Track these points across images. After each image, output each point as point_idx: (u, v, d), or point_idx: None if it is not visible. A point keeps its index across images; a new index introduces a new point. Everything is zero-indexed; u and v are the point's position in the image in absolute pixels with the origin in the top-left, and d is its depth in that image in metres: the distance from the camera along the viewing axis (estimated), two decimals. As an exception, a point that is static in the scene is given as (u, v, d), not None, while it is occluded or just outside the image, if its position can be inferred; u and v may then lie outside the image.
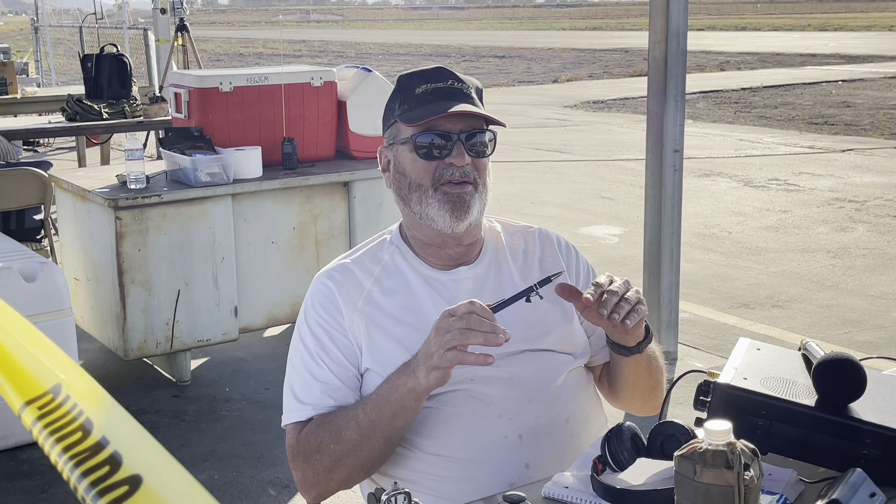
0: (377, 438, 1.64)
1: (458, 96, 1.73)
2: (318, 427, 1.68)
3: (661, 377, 1.86)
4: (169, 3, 8.58)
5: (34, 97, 7.84)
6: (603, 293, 1.57)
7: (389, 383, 1.63)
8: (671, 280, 4.50)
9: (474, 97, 1.76)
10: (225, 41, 47.53)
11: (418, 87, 1.74)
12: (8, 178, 4.72)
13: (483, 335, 1.49)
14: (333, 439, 1.65)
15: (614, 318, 1.56)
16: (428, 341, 1.56)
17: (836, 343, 4.71)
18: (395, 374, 1.64)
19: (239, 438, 3.77)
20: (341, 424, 1.65)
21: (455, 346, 1.50)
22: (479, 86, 1.81)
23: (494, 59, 30.25)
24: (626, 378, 1.80)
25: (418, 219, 1.75)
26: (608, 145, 11.68)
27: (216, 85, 4.35)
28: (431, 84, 1.74)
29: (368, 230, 4.27)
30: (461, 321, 1.50)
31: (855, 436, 1.47)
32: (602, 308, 1.56)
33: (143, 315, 4.04)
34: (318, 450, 1.67)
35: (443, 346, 1.51)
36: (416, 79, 1.76)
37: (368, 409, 1.64)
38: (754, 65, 25.24)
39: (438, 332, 1.53)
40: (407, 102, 1.74)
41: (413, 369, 1.58)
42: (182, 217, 4.05)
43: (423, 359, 1.56)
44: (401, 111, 1.75)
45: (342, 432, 1.65)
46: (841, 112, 14.61)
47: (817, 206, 7.96)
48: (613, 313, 1.56)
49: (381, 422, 1.62)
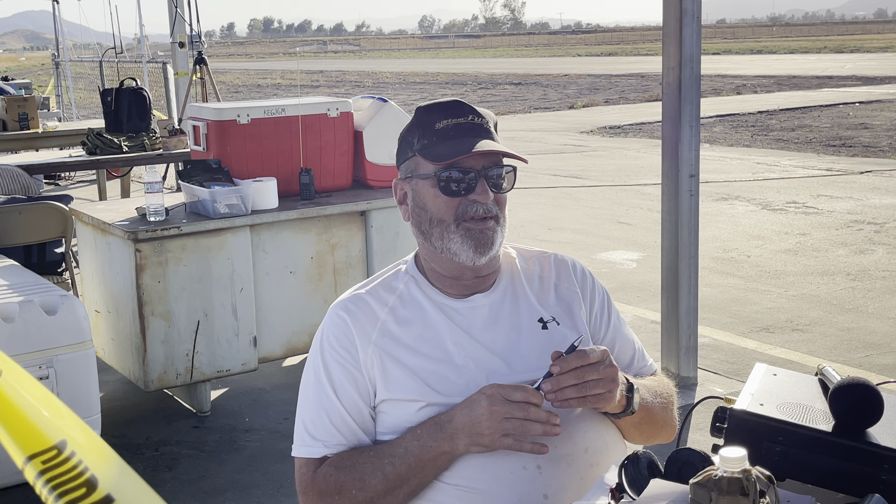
0: (404, 491, 1.65)
1: (479, 132, 1.73)
2: (338, 470, 1.68)
3: (666, 418, 1.86)
4: (187, 36, 8.68)
5: (55, 132, 7.94)
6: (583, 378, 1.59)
7: (419, 441, 1.63)
8: (689, 305, 4.49)
9: (493, 132, 1.76)
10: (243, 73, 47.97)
11: (438, 121, 1.74)
12: (29, 212, 4.78)
13: (542, 427, 1.55)
14: (357, 486, 1.65)
15: (576, 401, 1.59)
16: (477, 418, 1.57)
17: (858, 366, 4.68)
18: (426, 434, 1.63)
19: (259, 468, 3.78)
20: (365, 472, 1.65)
21: (512, 433, 1.55)
22: (495, 118, 1.82)
23: (510, 86, 30.37)
24: (625, 429, 1.81)
25: (439, 252, 1.75)
26: (625, 170, 11.68)
27: (234, 117, 4.40)
28: (452, 119, 1.73)
29: (386, 259, 4.29)
30: (520, 410, 1.55)
31: (873, 461, 1.46)
32: (572, 389, 1.58)
33: (163, 346, 4.07)
34: (338, 492, 1.67)
35: (499, 430, 1.55)
36: (436, 113, 1.75)
37: (397, 463, 1.64)
38: (771, 88, 25.23)
39: (493, 416, 1.56)
40: (427, 137, 1.74)
41: (451, 435, 1.60)
42: (201, 248, 4.09)
43: (466, 430, 1.58)
44: (420, 146, 1.75)
45: (367, 480, 1.65)
46: (859, 134, 14.56)
47: (836, 228, 7.93)
48: (580, 397, 1.59)
49: (411, 477, 1.64)
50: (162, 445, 4.01)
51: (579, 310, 1.84)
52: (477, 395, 1.60)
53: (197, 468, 3.81)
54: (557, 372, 1.57)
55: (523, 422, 1.55)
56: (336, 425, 1.71)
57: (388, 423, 1.72)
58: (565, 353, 1.60)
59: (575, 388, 1.58)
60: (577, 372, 1.58)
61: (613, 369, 1.62)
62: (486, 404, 1.57)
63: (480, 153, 1.69)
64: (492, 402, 1.56)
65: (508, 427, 1.55)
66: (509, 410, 1.55)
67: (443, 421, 1.62)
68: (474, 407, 1.58)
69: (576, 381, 1.57)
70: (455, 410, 1.62)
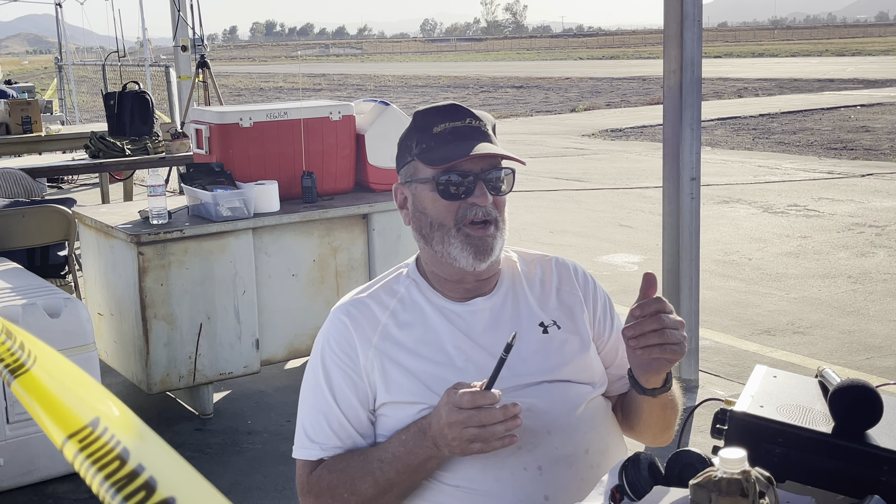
0: (394, 494, 1.66)
1: (477, 135, 1.74)
2: (330, 472, 1.69)
3: (676, 418, 1.86)
4: (190, 40, 8.70)
5: (58, 135, 7.96)
6: (663, 324, 1.57)
7: (405, 447, 1.64)
8: (691, 307, 4.50)
9: (491, 134, 1.77)
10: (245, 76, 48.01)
11: (436, 125, 1.74)
12: (33, 216, 4.80)
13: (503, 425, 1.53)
14: (347, 489, 1.67)
15: (657, 349, 1.57)
16: (441, 429, 1.56)
17: (859, 369, 4.68)
18: (411, 439, 1.64)
19: (261, 471, 3.79)
20: (356, 475, 1.66)
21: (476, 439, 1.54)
22: (494, 121, 1.82)
23: (512, 89, 30.39)
24: (641, 415, 1.80)
25: (439, 257, 1.76)
26: (626, 173, 11.69)
27: (236, 121, 4.41)
28: (449, 123, 1.74)
29: (388, 262, 4.29)
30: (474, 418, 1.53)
31: (872, 463, 1.47)
32: (654, 334, 1.56)
33: (166, 349, 4.08)
34: (330, 494, 1.68)
35: (463, 438, 1.54)
36: (433, 117, 1.76)
37: (386, 468, 1.64)
38: (772, 91, 25.23)
39: (453, 427, 1.54)
40: (425, 141, 1.74)
41: (433, 441, 1.60)
42: (204, 251, 4.10)
43: (441, 439, 1.58)
44: (419, 150, 1.75)
45: (357, 484, 1.66)
46: (860, 137, 14.57)
47: (837, 231, 7.93)
48: (661, 344, 1.57)
49: (400, 481, 1.65)
50: (164, 448, 4.02)
51: (581, 313, 1.84)
52: (438, 404, 1.60)
53: (199, 471, 3.77)
54: (638, 315, 1.57)
55: (482, 427, 1.53)
56: (333, 429, 1.72)
57: (389, 425, 1.72)
58: (503, 352, 1.56)
59: (656, 334, 1.56)
60: (658, 318, 1.57)
61: (682, 321, 1.61)
62: (444, 415, 1.56)
63: (478, 156, 1.70)
64: (448, 412, 1.56)
65: (469, 434, 1.54)
66: (464, 419, 1.54)
67: (424, 426, 1.63)
68: (439, 417, 1.58)
69: (657, 325, 1.56)
70: (431, 416, 1.62)
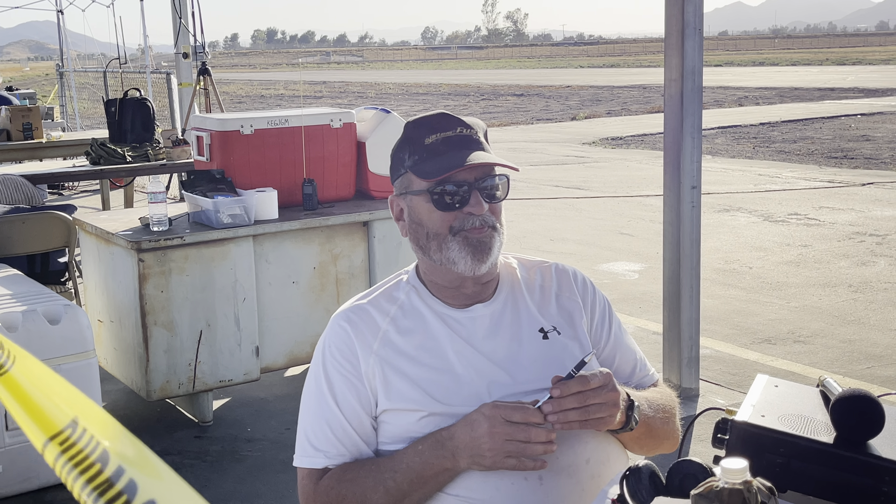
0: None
1: (468, 144, 1.73)
2: (340, 483, 1.68)
3: (668, 430, 1.86)
4: (191, 47, 8.71)
5: (59, 141, 7.96)
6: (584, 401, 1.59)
7: (421, 457, 1.64)
8: (691, 316, 4.49)
9: (483, 141, 1.76)
10: (247, 83, 48.07)
11: (427, 137, 1.74)
12: (33, 222, 4.80)
13: (543, 447, 1.56)
14: (359, 499, 1.66)
15: (577, 424, 1.60)
16: (477, 439, 1.58)
17: (860, 378, 4.68)
18: (427, 450, 1.64)
19: (261, 479, 3.78)
20: (367, 486, 1.66)
21: (514, 454, 1.56)
22: (485, 126, 1.82)
23: (513, 97, 30.42)
24: (626, 442, 1.82)
25: (437, 265, 1.76)
26: (627, 181, 11.69)
27: (237, 128, 4.42)
28: (440, 133, 1.73)
29: (388, 269, 4.29)
30: (521, 432, 1.55)
31: (874, 473, 1.46)
32: (574, 412, 1.59)
33: (166, 356, 4.07)
34: None
35: (501, 452, 1.56)
36: (424, 128, 1.75)
37: (398, 478, 1.64)
38: (773, 99, 25.26)
39: (494, 438, 1.56)
40: (417, 153, 1.74)
41: (452, 453, 1.60)
42: (204, 258, 4.10)
43: (468, 450, 1.58)
44: (412, 162, 1.75)
45: (368, 495, 1.65)
46: (860, 146, 14.58)
47: (838, 240, 7.93)
48: (583, 420, 1.60)
49: (413, 492, 1.64)
50: (164, 455, 4.02)
51: (580, 319, 1.84)
52: (477, 415, 1.60)
53: (199, 478, 3.81)
54: (558, 395, 1.58)
55: (526, 444, 1.56)
56: (338, 436, 1.71)
57: (390, 432, 1.72)
58: (574, 368, 1.60)
59: (577, 412, 1.59)
60: (580, 396, 1.59)
61: (616, 394, 1.62)
62: (486, 426, 1.57)
63: (472, 166, 1.70)
64: (492, 423, 1.57)
65: (510, 449, 1.56)
66: (510, 432, 1.56)
67: (444, 438, 1.62)
68: (475, 427, 1.58)
69: (578, 404, 1.59)
70: (456, 428, 1.62)
